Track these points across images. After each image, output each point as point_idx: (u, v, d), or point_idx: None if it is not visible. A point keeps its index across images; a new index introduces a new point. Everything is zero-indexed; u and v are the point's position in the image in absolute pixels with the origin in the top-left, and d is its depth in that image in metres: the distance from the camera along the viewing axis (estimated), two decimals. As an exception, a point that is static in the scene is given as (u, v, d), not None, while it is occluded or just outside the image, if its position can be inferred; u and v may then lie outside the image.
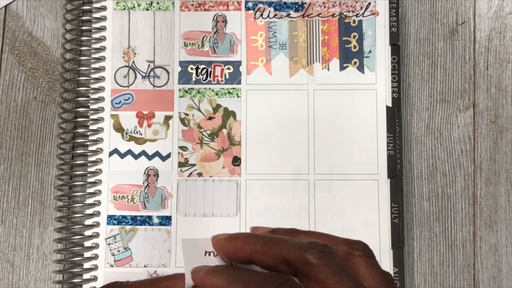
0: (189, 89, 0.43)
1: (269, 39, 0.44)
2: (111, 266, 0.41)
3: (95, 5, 0.44)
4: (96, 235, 0.42)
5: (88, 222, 0.42)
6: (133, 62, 0.44)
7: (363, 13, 0.44)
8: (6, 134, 0.44)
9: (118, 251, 0.41)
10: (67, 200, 0.42)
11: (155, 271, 0.41)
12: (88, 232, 0.42)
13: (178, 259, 0.41)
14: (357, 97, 0.43)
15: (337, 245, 0.27)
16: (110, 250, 0.41)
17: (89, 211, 0.42)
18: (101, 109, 0.43)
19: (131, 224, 0.42)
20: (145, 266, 0.41)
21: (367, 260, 0.27)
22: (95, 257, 0.41)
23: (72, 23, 0.44)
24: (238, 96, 0.43)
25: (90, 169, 0.42)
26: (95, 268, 0.41)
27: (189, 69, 0.43)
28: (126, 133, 0.43)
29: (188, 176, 0.42)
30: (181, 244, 0.29)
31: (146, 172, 0.42)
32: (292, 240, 0.26)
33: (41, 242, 0.43)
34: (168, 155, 0.43)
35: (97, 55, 0.44)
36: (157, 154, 0.43)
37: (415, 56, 0.45)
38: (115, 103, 0.43)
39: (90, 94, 0.43)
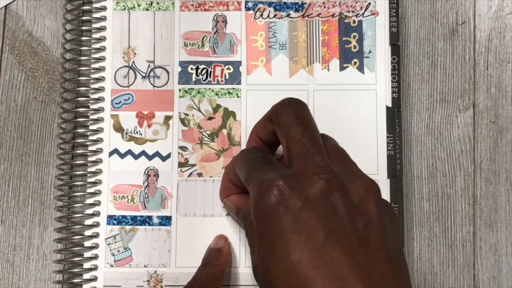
0: (189, 89, 0.43)
1: (269, 39, 0.44)
2: (111, 266, 0.41)
3: (95, 5, 0.44)
4: (96, 235, 0.42)
5: (88, 222, 0.42)
6: (133, 62, 0.44)
7: (363, 13, 0.44)
8: (6, 134, 0.44)
9: (118, 251, 0.41)
10: (67, 200, 0.42)
11: (155, 271, 0.41)
12: (88, 232, 0.42)
13: (178, 259, 0.41)
14: (357, 97, 0.43)
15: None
16: (110, 250, 0.41)
17: (89, 211, 0.42)
18: (101, 109, 0.43)
19: (131, 224, 0.42)
20: (145, 266, 0.41)
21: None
22: (95, 257, 0.41)
23: (72, 23, 0.44)
24: (238, 96, 0.43)
25: (90, 169, 0.42)
26: (95, 268, 0.41)
27: (189, 69, 0.43)
28: (126, 133, 0.43)
29: (188, 176, 0.42)
30: None
31: (146, 172, 0.42)
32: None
33: (41, 242, 0.43)
34: (168, 155, 0.43)
35: (97, 55, 0.44)
36: (157, 154, 0.43)
37: (415, 56, 0.45)
38: (115, 103, 0.43)
39: (90, 94, 0.43)
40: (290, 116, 0.32)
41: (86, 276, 0.41)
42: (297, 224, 0.28)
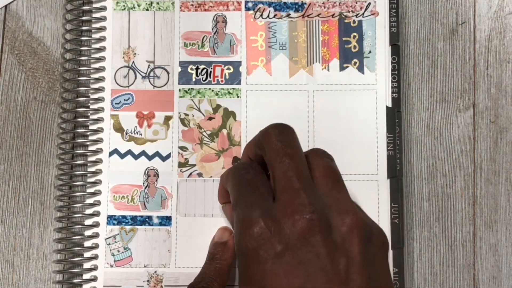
0: (189, 89, 0.43)
1: (269, 39, 0.44)
2: (111, 266, 0.41)
3: (95, 5, 0.44)
4: (96, 235, 0.42)
5: (88, 222, 0.42)
6: (133, 62, 0.44)
7: (363, 13, 0.44)
8: (6, 134, 0.44)
9: (118, 251, 0.42)
10: (67, 200, 0.42)
11: (155, 271, 0.41)
12: (88, 232, 0.42)
13: (178, 259, 0.41)
14: (357, 97, 0.43)
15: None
16: (110, 250, 0.41)
17: (89, 211, 0.42)
18: (101, 109, 0.43)
19: (131, 224, 0.42)
20: (145, 266, 0.41)
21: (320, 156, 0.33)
22: (95, 257, 0.41)
23: (72, 23, 0.44)
24: (238, 96, 0.43)
25: (90, 169, 0.42)
26: (95, 268, 0.41)
27: (189, 69, 0.43)
28: (126, 133, 0.43)
29: (188, 177, 0.42)
30: None
31: (146, 172, 0.42)
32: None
33: (41, 242, 0.43)
34: (168, 155, 0.43)
35: (97, 55, 0.44)
36: (157, 154, 0.43)
37: (415, 56, 0.45)
38: (115, 103, 0.43)
39: (90, 94, 0.43)
40: (275, 146, 0.32)
41: (86, 276, 0.41)
42: (276, 269, 0.28)
